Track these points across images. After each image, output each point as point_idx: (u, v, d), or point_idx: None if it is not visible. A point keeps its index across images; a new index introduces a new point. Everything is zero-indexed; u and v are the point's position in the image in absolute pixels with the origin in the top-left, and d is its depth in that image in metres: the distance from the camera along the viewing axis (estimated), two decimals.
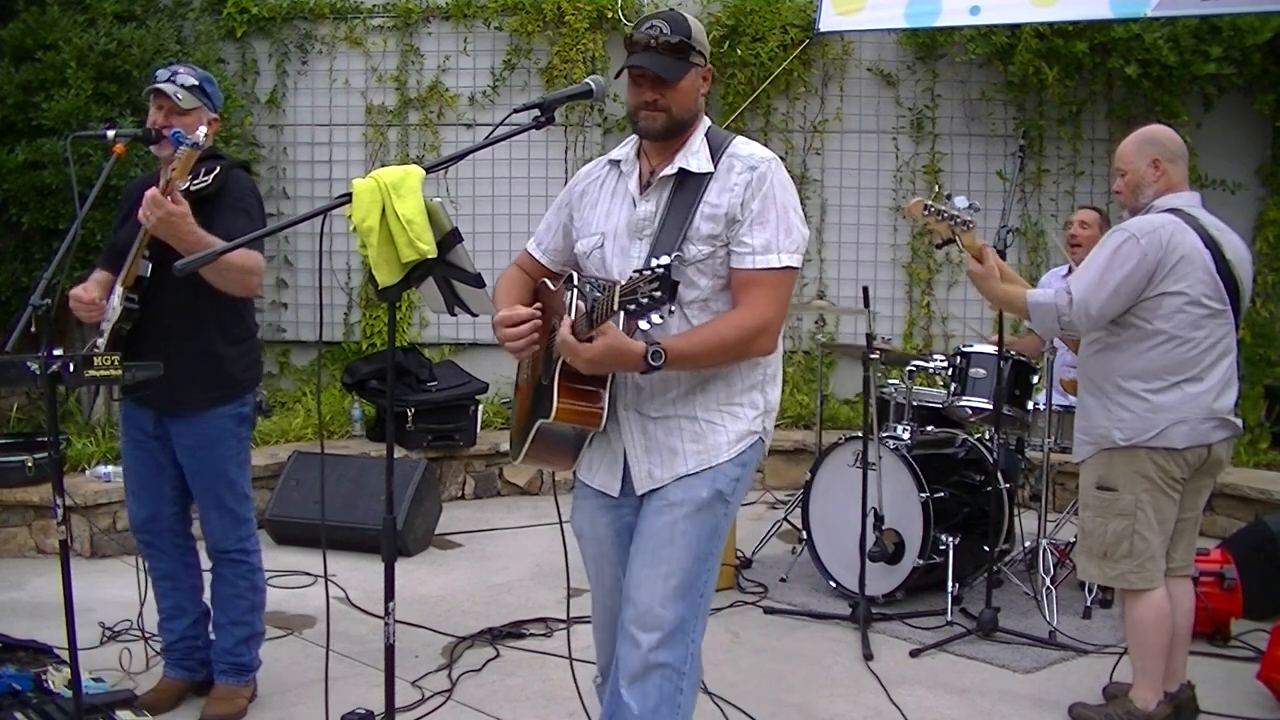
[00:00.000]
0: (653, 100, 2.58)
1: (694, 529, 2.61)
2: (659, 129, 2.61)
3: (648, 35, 2.57)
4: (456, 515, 6.34)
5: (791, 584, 5.24)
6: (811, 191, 7.75)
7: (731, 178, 2.60)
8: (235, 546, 3.73)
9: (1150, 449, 3.56)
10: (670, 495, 2.62)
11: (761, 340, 2.59)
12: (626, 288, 2.25)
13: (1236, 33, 6.97)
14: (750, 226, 2.57)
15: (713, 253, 2.59)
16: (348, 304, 7.90)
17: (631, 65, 2.57)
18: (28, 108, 6.21)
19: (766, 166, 2.61)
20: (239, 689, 3.77)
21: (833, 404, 7.51)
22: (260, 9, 7.66)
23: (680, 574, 2.58)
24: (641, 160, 2.72)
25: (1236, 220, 4.95)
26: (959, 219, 3.78)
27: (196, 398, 3.58)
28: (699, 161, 2.62)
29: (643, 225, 2.64)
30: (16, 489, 5.48)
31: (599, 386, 2.56)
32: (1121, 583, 3.67)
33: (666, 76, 2.56)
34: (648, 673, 2.56)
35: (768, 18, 7.52)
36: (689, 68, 2.60)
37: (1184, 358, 3.55)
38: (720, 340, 2.54)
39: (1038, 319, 3.71)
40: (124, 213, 3.74)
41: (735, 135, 2.72)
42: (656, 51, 2.56)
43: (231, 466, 3.68)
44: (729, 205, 2.58)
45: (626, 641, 2.59)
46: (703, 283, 2.61)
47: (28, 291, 4.09)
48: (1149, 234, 3.54)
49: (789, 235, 2.59)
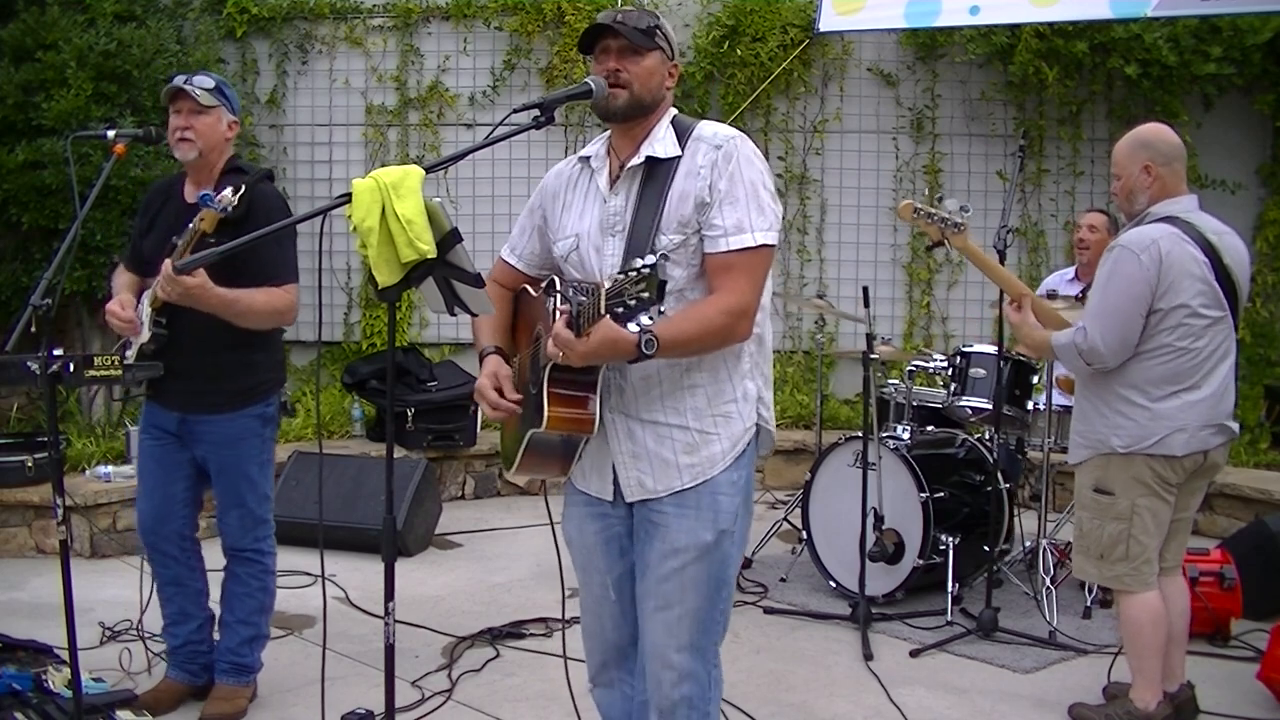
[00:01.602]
0: (615, 70, 2.55)
1: (702, 573, 2.60)
2: (620, 106, 2.56)
3: (615, 11, 2.57)
4: (456, 515, 6.34)
5: (791, 584, 5.24)
6: (811, 191, 7.75)
7: (698, 160, 2.55)
8: (251, 546, 3.75)
9: (1148, 456, 3.55)
10: (674, 539, 2.58)
11: (743, 324, 2.53)
12: (612, 290, 2.19)
13: (1236, 33, 6.96)
14: (720, 207, 2.52)
15: (685, 240, 2.54)
16: (348, 304, 7.90)
17: (596, 23, 2.57)
18: (28, 108, 6.21)
19: (731, 145, 2.55)
20: (239, 689, 3.77)
21: (833, 404, 7.51)
22: (260, 9, 7.66)
23: (692, 616, 2.60)
24: (611, 156, 2.69)
25: (1236, 220, 4.95)
26: (949, 221, 3.78)
27: (222, 399, 3.60)
28: (665, 147, 2.58)
29: (614, 220, 2.61)
30: (16, 489, 5.49)
31: (589, 392, 2.52)
32: (1117, 584, 3.67)
33: (633, 40, 2.54)
34: (674, 709, 2.62)
35: (768, 18, 7.51)
36: (655, 47, 2.59)
37: (1184, 367, 3.54)
38: (707, 324, 2.49)
39: (1064, 360, 3.73)
40: (148, 220, 3.75)
41: (701, 120, 2.68)
42: (623, 23, 2.56)
43: (254, 466, 3.70)
44: (697, 189, 2.53)
45: (651, 678, 2.65)
46: (677, 273, 2.55)
47: (28, 291, 4.09)
48: (1146, 248, 3.51)
49: (761, 213, 2.53)
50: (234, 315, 3.43)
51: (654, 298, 2.13)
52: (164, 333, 3.52)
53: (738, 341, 2.58)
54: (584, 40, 2.61)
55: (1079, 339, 3.56)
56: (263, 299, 3.47)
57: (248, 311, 3.45)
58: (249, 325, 3.49)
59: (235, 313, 3.43)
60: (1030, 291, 3.85)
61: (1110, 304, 3.53)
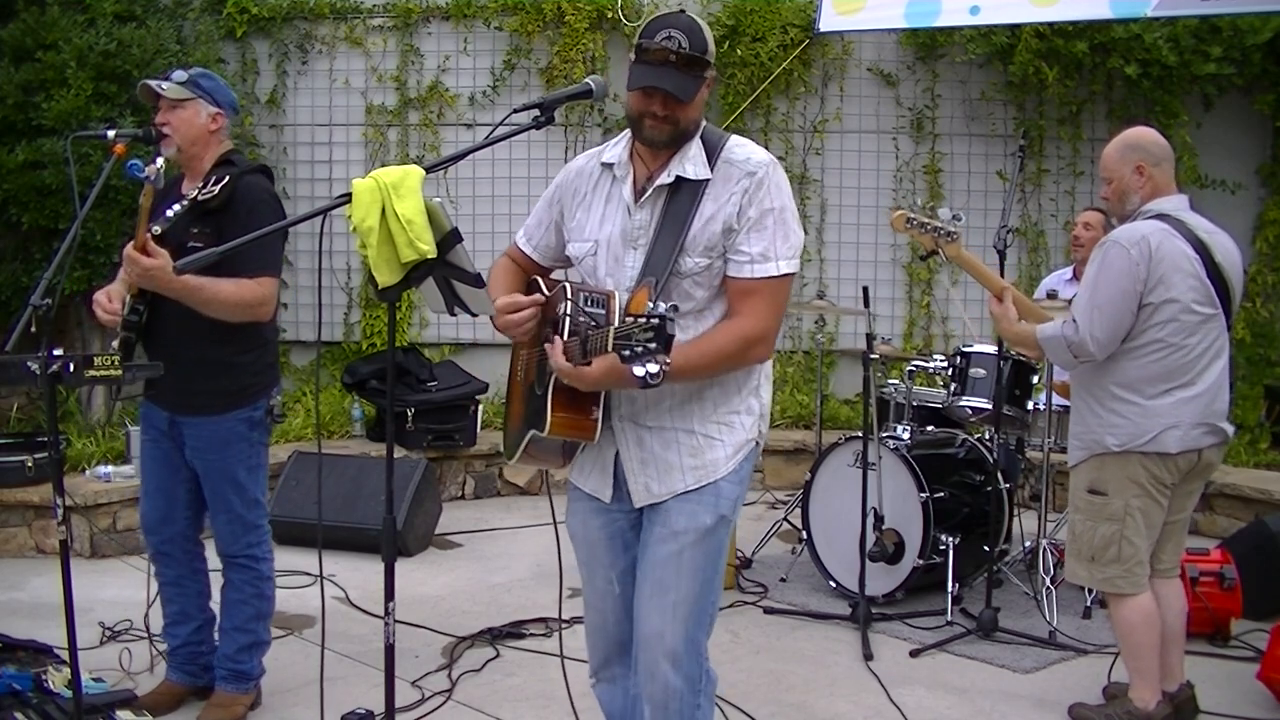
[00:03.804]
0: (662, 115, 2.50)
1: (700, 557, 2.61)
2: (664, 140, 2.54)
3: (665, 48, 2.44)
4: (456, 515, 6.34)
5: (791, 584, 5.24)
6: (811, 191, 7.75)
7: (729, 187, 2.54)
8: (243, 552, 3.69)
9: (1143, 454, 3.55)
10: (674, 523, 2.60)
11: (759, 349, 2.57)
12: (621, 332, 2.17)
13: (1236, 33, 6.96)
14: (748, 234, 2.52)
15: (709, 265, 2.55)
16: (348, 304, 7.90)
17: (647, 86, 2.47)
18: (28, 108, 6.21)
19: (764, 172, 2.54)
20: (238, 696, 3.73)
21: (833, 404, 7.51)
22: (260, 9, 7.66)
23: (688, 602, 2.61)
24: (635, 163, 2.64)
25: (1236, 220, 4.96)
26: (942, 230, 3.77)
27: (208, 400, 3.55)
28: (695, 168, 2.56)
29: (637, 234, 2.59)
30: (16, 489, 5.48)
31: (592, 402, 2.53)
32: (1109, 587, 3.67)
33: (683, 98, 2.48)
34: (667, 700, 2.63)
35: (768, 18, 7.52)
36: (703, 83, 2.52)
37: (1177, 364, 3.54)
38: (719, 352, 2.52)
39: (1050, 353, 3.71)
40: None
41: (730, 135, 2.65)
42: (674, 67, 2.45)
43: (241, 470, 3.62)
44: (726, 215, 2.53)
45: (643, 669, 2.65)
46: (699, 294, 2.57)
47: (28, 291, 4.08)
48: (1136, 243, 3.52)
49: (786, 241, 2.55)
50: (199, 303, 3.35)
51: (660, 349, 2.12)
52: (135, 319, 3.44)
53: (754, 364, 2.61)
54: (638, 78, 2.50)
55: (1068, 331, 3.56)
56: (230, 289, 3.37)
57: (213, 300, 3.36)
58: (216, 315, 3.40)
59: (200, 300, 3.34)
60: (1010, 286, 3.83)
61: (1100, 297, 3.53)
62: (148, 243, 3.24)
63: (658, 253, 2.54)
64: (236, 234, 3.18)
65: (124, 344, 3.49)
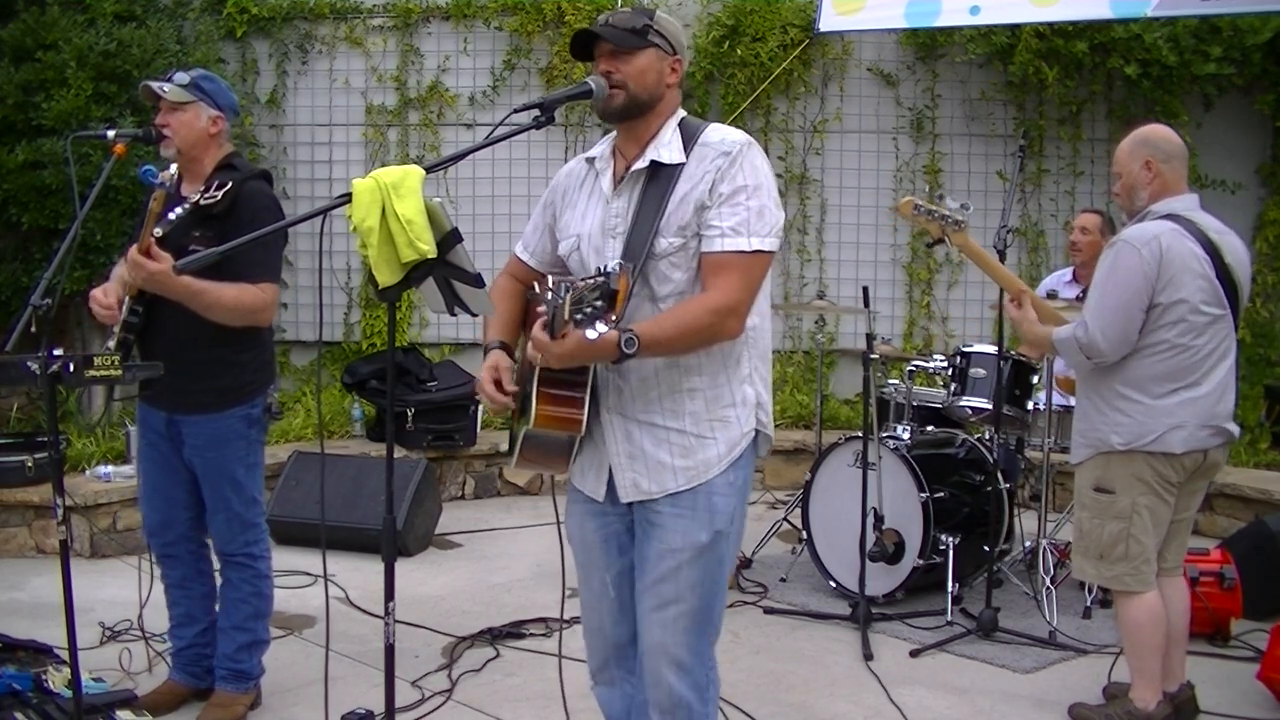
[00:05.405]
0: (607, 72, 2.55)
1: (697, 573, 2.60)
2: (617, 106, 2.56)
3: (608, 14, 2.58)
4: (456, 515, 6.34)
5: (791, 584, 5.24)
6: (811, 191, 7.75)
7: (703, 165, 2.54)
8: (241, 550, 3.69)
9: (1148, 454, 3.56)
10: (670, 540, 2.59)
11: (730, 321, 2.51)
12: (575, 297, 2.19)
13: (1236, 33, 6.97)
14: (719, 209, 2.50)
15: (684, 244, 2.53)
16: (348, 304, 7.90)
17: (582, 30, 2.58)
18: (28, 108, 6.22)
19: (738, 150, 2.54)
20: (237, 696, 3.73)
21: (833, 404, 7.51)
22: (260, 9, 7.66)
23: (689, 614, 2.61)
24: (616, 157, 2.67)
25: (1236, 220, 4.96)
26: (950, 219, 3.78)
27: (204, 399, 3.55)
28: (670, 153, 2.57)
29: (615, 223, 2.60)
30: (16, 489, 5.48)
31: (579, 392, 2.52)
32: (1117, 585, 3.67)
33: (617, 44, 2.53)
34: (674, 709, 2.63)
35: (768, 18, 7.51)
36: (647, 45, 2.56)
37: (1184, 364, 3.54)
38: (691, 322, 2.48)
39: (1064, 354, 3.72)
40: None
41: (709, 123, 2.65)
42: (611, 25, 2.56)
43: (239, 469, 3.63)
44: (699, 193, 2.52)
45: (649, 677, 2.65)
46: (677, 275, 2.55)
47: (28, 291, 4.09)
48: (1147, 243, 3.52)
49: (761, 218, 2.52)
50: (201, 307, 3.37)
51: (606, 307, 2.12)
52: (135, 320, 3.46)
53: (727, 339, 2.56)
54: (576, 48, 2.61)
55: (1079, 333, 3.57)
56: (232, 294, 3.39)
57: (215, 304, 3.38)
58: (217, 319, 3.42)
59: (202, 304, 3.36)
60: (1029, 289, 3.86)
61: (1111, 298, 3.53)
62: (152, 246, 3.25)
63: (635, 238, 2.54)
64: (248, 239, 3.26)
65: (121, 344, 3.49)
